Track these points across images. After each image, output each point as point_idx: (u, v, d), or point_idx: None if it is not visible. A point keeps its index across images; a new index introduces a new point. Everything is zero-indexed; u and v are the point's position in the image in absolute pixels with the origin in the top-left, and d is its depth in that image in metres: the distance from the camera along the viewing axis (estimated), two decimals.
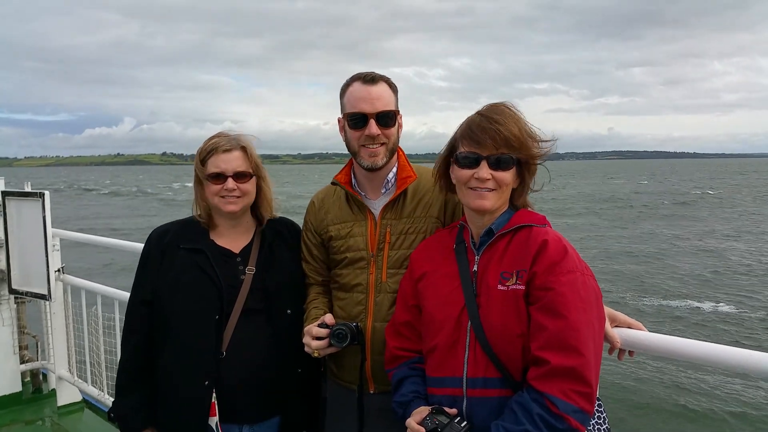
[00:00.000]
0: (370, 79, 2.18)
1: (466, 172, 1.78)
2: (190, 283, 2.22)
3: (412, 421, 1.73)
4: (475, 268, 1.80)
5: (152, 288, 2.28)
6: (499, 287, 1.71)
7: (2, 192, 4.40)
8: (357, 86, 2.18)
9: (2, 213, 4.38)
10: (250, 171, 2.28)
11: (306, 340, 2.12)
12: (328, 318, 2.14)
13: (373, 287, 2.17)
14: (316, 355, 2.09)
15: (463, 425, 1.66)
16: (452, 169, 1.87)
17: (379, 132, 2.15)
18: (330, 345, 2.09)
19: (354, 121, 2.17)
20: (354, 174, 2.31)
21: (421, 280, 1.93)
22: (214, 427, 2.17)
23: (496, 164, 1.75)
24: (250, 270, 2.29)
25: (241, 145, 2.29)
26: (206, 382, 2.16)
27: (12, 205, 4.37)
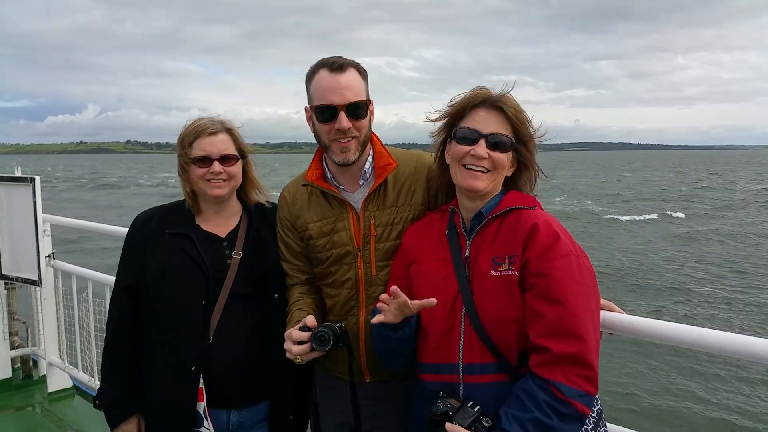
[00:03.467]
0: (337, 66, 1.98)
1: (463, 148, 1.76)
2: (176, 269, 2.20)
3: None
4: (467, 253, 1.78)
5: (136, 274, 2.25)
6: (492, 273, 1.71)
7: None
8: (324, 75, 2.00)
9: None
10: (236, 154, 2.26)
11: (287, 345, 1.97)
12: (310, 320, 1.99)
13: (363, 281, 2.09)
14: (298, 361, 1.95)
15: (475, 409, 1.63)
16: (449, 145, 1.85)
17: (350, 125, 1.99)
18: (312, 350, 1.95)
19: (322, 114, 2.01)
20: (327, 166, 2.17)
21: (413, 265, 1.91)
22: (201, 413, 2.16)
23: (495, 144, 1.74)
24: (237, 254, 2.26)
25: (226, 128, 2.26)
26: (193, 368, 2.15)
27: (2, 190, 4.34)
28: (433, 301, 1.65)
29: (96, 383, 4.21)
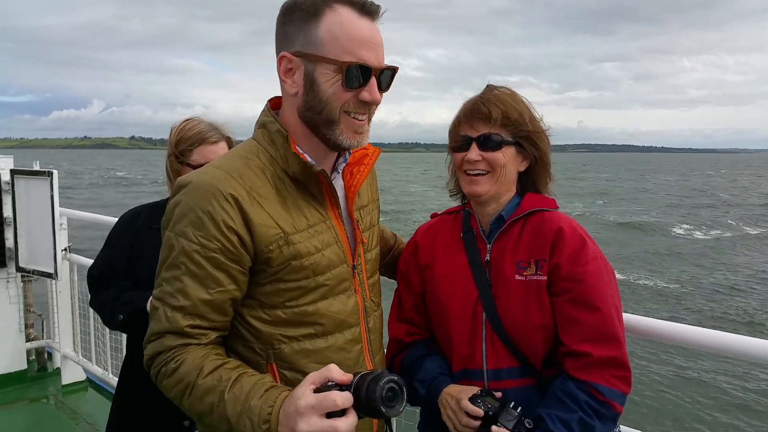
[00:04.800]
0: (373, 9, 1.38)
1: (459, 156, 1.73)
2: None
3: (467, 402, 1.57)
4: (488, 257, 1.73)
5: (103, 265, 2.31)
6: (517, 277, 1.66)
7: (11, 170, 4.42)
8: (351, 17, 1.35)
9: (11, 191, 4.41)
10: None
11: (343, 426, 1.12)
12: (335, 371, 1.18)
13: (362, 314, 1.54)
14: None
15: (518, 410, 1.58)
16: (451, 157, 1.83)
17: (380, 99, 1.43)
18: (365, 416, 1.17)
19: (352, 76, 1.36)
20: (295, 135, 1.45)
21: (428, 269, 1.84)
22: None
23: (485, 144, 1.68)
24: None
25: (226, 136, 2.31)
26: None
27: (20, 183, 4.39)
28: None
29: (109, 376, 4.25)
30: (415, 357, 1.80)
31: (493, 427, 1.54)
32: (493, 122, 1.67)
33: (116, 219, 2.48)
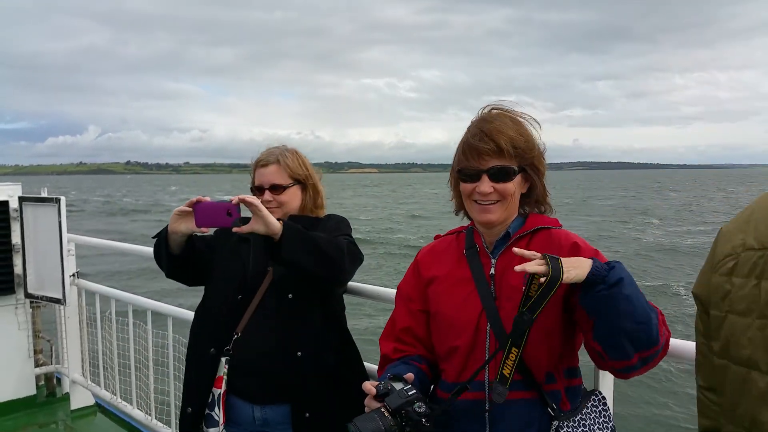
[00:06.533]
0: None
1: (469, 186, 1.77)
2: (225, 261, 2.43)
3: (367, 384, 1.65)
4: (492, 271, 1.77)
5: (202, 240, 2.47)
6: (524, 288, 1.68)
7: (19, 197, 4.47)
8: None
9: (19, 218, 4.45)
10: (287, 183, 2.43)
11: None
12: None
13: None
14: None
15: (411, 393, 1.59)
16: (459, 183, 1.84)
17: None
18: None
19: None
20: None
21: (431, 285, 1.89)
22: (216, 398, 2.29)
23: (497, 176, 1.72)
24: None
25: (277, 159, 2.45)
26: (212, 350, 2.32)
27: (28, 210, 4.43)
28: None
29: (118, 401, 4.25)
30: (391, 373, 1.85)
31: (368, 399, 1.61)
32: (503, 154, 1.71)
33: (120, 243, 2.55)
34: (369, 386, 1.64)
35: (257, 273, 2.37)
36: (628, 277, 1.53)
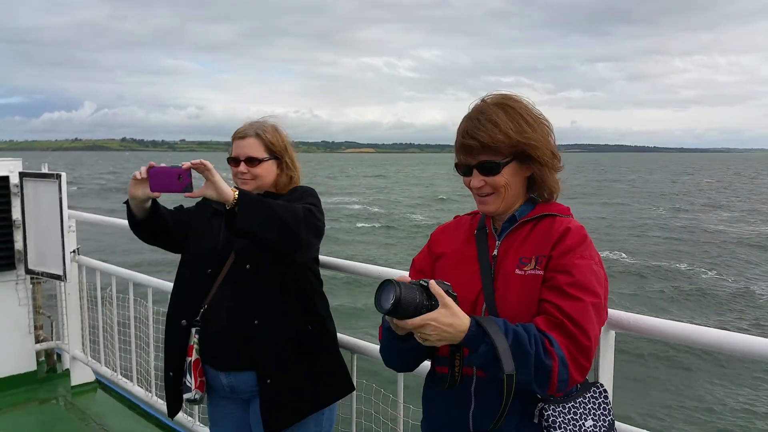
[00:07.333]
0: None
1: (466, 180, 1.82)
2: (199, 234, 2.49)
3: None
4: (495, 252, 1.81)
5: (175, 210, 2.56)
6: (517, 272, 1.73)
7: (20, 173, 4.45)
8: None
9: (19, 194, 4.43)
10: (262, 156, 2.44)
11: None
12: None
13: None
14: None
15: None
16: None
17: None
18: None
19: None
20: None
21: (440, 260, 1.94)
22: (187, 365, 2.40)
23: (484, 170, 1.75)
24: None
25: (255, 132, 2.46)
26: (183, 321, 2.42)
27: (29, 186, 4.41)
28: None
29: (118, 377, 4.27)
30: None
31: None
32: (485, 149, 1.73)
33: (122, 220, 2.58)
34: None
35: (226, 246, 2.42)
36: (502, 344, 1.53)
